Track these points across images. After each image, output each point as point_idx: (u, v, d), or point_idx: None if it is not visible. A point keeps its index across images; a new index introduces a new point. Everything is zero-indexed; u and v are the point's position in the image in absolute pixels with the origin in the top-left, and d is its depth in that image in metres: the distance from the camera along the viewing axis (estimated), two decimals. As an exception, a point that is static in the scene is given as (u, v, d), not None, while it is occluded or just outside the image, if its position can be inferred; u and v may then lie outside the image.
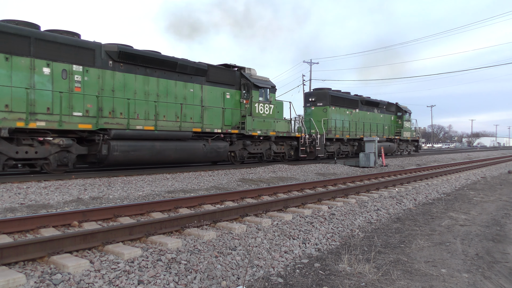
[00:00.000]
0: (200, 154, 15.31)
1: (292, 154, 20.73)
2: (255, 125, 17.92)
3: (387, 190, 10.59)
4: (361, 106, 28.36)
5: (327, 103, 24.83)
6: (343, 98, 26.49)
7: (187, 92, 15.75)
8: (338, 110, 25.57)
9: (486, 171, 18.71)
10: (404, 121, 33.45)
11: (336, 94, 25.88)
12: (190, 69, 15.70)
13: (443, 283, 4.20)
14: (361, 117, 28.08)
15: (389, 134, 31.17)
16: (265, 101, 18.67)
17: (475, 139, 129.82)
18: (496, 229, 6.77)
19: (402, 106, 33.75)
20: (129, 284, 3.74)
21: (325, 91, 25.55)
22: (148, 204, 7.07)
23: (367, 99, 29.19)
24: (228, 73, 17.64)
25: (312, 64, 50.71)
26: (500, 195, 10.84)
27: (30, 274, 3.79)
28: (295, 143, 20.48)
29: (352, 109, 27.00)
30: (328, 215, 7.20)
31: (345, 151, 26.00)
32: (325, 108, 24.73)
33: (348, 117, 26.50)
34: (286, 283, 4.19)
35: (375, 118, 29.79)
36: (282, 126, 19.65)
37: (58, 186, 9.89)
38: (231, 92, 17.66)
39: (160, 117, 14.71)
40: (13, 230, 5.38)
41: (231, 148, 17.09)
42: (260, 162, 18.97)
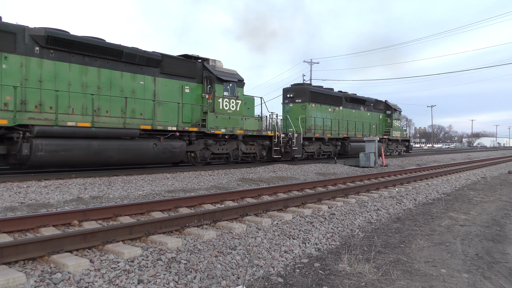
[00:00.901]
0: (150, 154, 13.73)
1: (264, 154, 18.98)
2: (219, 122, 16.17)
3: (387, 190, 10.60)
4: (346, 103, 26.49)
5: (306, 99, 22.89)
6: (325, 94, 24.60)
7: (136, 84, 14.00)
8: (319, 107, 23.77)
9: (486, 171, 18.70)
10: (394, 120, 31.75)
11: (316, 90, 24.05)
12: (139, 58, 13.94)
13: (443, 283, 4.20)
14: (346, 115, 26.27)
15: (376, 133, 29.51)
16: (231, 96, 16.79)
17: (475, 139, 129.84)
18: (496, 229, 6.77)
19: (391, 104, 32.16)
20: (129, 284, 3.74)
21: (304, 86, 23.78)
22: (148, 204, 7.07)
23: (353, 96, 27.45)
24: (187, 65, 15.75)
25: (312, 64, 50.73)
26: (500, 195, 10.84)
27: (30, 273, 3.80)
28: (267, 143, 18.78)
29: (335, 107, 25.21)
30: (328, 215, 7.20)
31: (326, 151, 24.24)
32: (304, 105, 22.83)
33: (331, 115, 24.73)
34: (286, 283, 4.19)
35: (361, 116, 28.01)
36: (251, 124, 17.87)
37: (58, 185, 9.90)
38: (191, 86, 15.86)
39: (102, 112, 12.98)
40: (13, 229, 5.38)
41: (190, 148, 15.48)
42: (227, 164, 17.39)
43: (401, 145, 33.60)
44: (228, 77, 16.71)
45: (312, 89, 23.58)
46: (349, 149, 25.08)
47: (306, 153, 22.15)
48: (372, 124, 29.14)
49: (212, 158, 16.74)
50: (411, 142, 35.58)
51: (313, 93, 23.46)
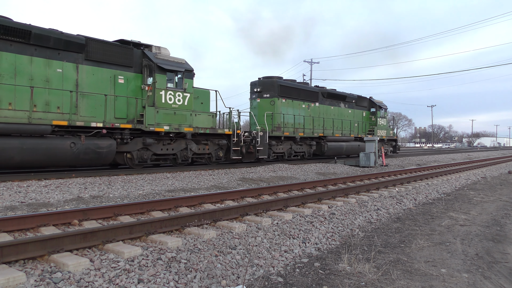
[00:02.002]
0: (67, 155, 11.62)
1: (221, 155, 16.79)
2: (161, 118, 14.00)
3: (387, 190, 10.60)
4: (323, 99, 24.30)
5: (275, 94, 20.75)
6: (297, 89, 22.37)
7: (52, 72, 11.82)
8: (291, 103, 21.61)
9: (486, 171, 18.70)
10: (379, 118, 29.24)
11: (287, 84, 21.82)
12: (55, 41, 11.78)
13: (443, 283, 4.20)
14: (323, 112, 24.00)
15: (358, 132, 27.16)
16: (177, 88, 14.60)
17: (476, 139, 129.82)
18: (496, 229, 6.77)
19: (376, 101, 29.81)
20: (129, 283, 3.74)
21: (273, 79, 21.21)
22: (148, 203, 7.07)
23: (331, 91, 25.30)
24: (121, 51, 13.49)
25: (312, 64, 50.71)
26: (500, 195, 10.84)
27: (30, 273, 3.80)
28: (224, 142, 16.62)
29: (310, 103, 22.94)
30: (328, 214, 7.20)
31: (298, 151, 22.01)
32: (273, 100, 20.69)
33: (305, 112, 22.48)
34: (286, 283, 4.19)
35: (341, 114, 25.71)
36: (204, 121, 15.63)
37: (58, 185, 9.90)
38: (127, 76, 13.65)
39: (3, 104, 10.87)
40: (13, 228, 5.38)
41: (125, 148, 13.44)
42: (176, 166, 15.39)
43: (387, 145, 31.09)
44: (173, 66, 14.44)
45: (282, 83, 21.35)
46: (326, 149, 22.93)
47: (274, 153, 20.22)
48: (354, 122, 26.92)
49: (155, 160, 14.64)
50: (398, 142, 32.91)
51: (283, 87, 21.33)
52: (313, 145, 22.72)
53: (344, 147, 24.54)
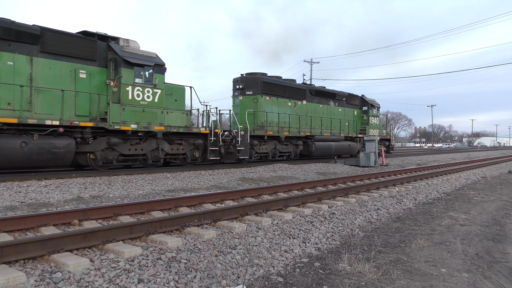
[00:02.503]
0: (17, 156, 10.63)
1: (197, 156, 15.65)
2: (128, 116, 13.03)
3: (387, 190, 10.60)
4: (310, 97, 23.13)
5: (259, 91, 19.67)
6: (283, 86, 21.30)
7: (2, 65, 10.93)
8: (276, 100, 20.61)
9: (486, 171, 18.70)
10: (371, 117, 28.02)
11: (271, 80, 20.67)
12: (5, 31, 10.90)
13: (443, 282, 4.20)
14: (311, 110, 22.95)
15: (349, 131, 26.05)
16: (147, 84, 13.67)
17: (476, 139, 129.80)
18: (496, 229, 6.77)
19: (368, 99, 28.71)
20: (129, 283, 3.74)
21: (256, 76, 20.11)
22: (148, 203, 7.07)
23: (319, 88, 24.31)
24: (83, 43, 12.50)
25: (312, 64, 50.71)
26: (500, 195, 10.84)
27: (30, 273, 3.80)
28: (200, 142, 15.54)
29: (296, 100, 21.93)
30: (328, 214, 7.20)
31: (284, 152, 20.83)
32: (256, 98, 19.63)
33: (291, 110, 21.46)
34: (286, 282, 4.19)
35: (330, 112, 24.60)
36: (177, 119, 14.62)
37: (58, 185, 9.90)
38: (90, 70, 12.66)
39: None
40: (13, 228, 5.38)
41: (87, 148, 12.42)
42: (146, 167, 14.30)
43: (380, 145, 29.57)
44: (142, 60, 13.52)
45: (265, 79, 20.22)
46: (313, 149, 21.77)
47: (257, 154, 19.08)
48: (345, 121, 25.68)
49: (122, 161, 13.64)
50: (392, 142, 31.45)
51: (267, 84, 20.22)
52: (300, 145, 21.58)
53: (334, 147, 23.43)
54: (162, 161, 14.62)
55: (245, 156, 16.96)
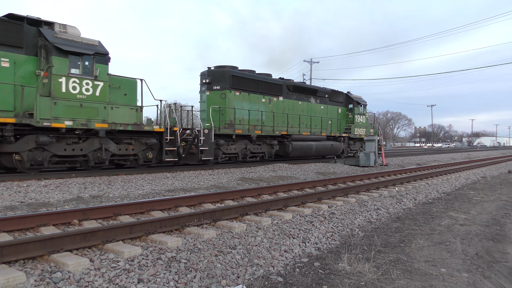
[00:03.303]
0: None
1: (150, 157, 13.94)
2: (60, 111, 11.37)
3: (387, 190, 10.60)
4: (288, 93, 21.39)
5: (227, 86, 17.98)
6: (255, 80, 19.48)
7: None
8: (247, 96, 18.90)
9: (486, 171, 18.71)
10: (356, 115, 26.09)
11: (242, 74, 18.92)
12: None
13: (442, 282, 4.20)
14: (288, 107, 21.17)
15: (332, 130, 24.19)
16: (86, 75, 12.00)
17: (475, 139, 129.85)
18: (496, 228, 6.77)
19: (354, 96, 26.83)
20: (129, 283, 3.74)
21: (224, 69, 18.38)
22: (148, 203, 7.07)
23: (299, 84, 22.55)
24: (5, 27, 10.91)
25: (312, 63, 50.73)
26: (500, 195, 10.84)
27: (30, 273, 3.80)
28: (154, 141, 13.78)
29: (271, 97, 20.20)
30: (328, 214, 7.20)
31: (257, 152, 19.06)
32: (224, 93, 17.92)
33: (265, 107, 19.79)
34: (286, 282, 4.20)
35: (311, 110, 22.76)
36: (124, 116, 12.96)
37: (58, 185, 9.90)
38: (14, 59, 11.05)
39: None
40: (13, 228, 5.38)
41: (11, 148, 10.86)
42: (88, 170, 12.69)
43: None
44: (79, 48, 11.89)
45: (235, 73, 18.48)
46: (291, 149, 20.18)
47: (225, 154, 17.44)
48: (327, 119, 23.87)
49: (56, 163, 11.97)
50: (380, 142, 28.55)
51: (237, 78, 18.50)
52: (275, 144, 19.85)
53: (314, 147, 21.81)
54: (108, 162, 12.94)
55: (209, 157, 15.41)
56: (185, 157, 14.84)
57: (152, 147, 14.04)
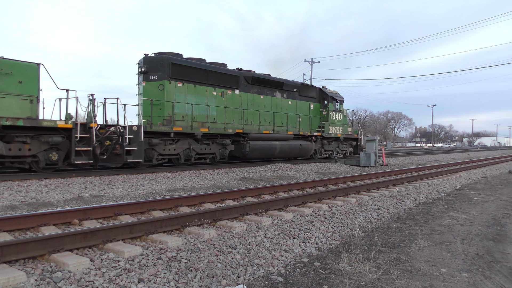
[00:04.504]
0: None
1: (54, 158, 11.57)
2: None
3: (388, 190, 10.59)
4: (247, 85, 18.81)
5: (166, 75, 15.32)
6: (204, 70, 16.79)
7: None
8: (193, 88, 16.27)
9: (486, 171, 18.70)
10: (331, 112, 23.31)
11: (185, 62, 16.22)
12: None
13: (443, 282, 4.20)
14: (247, 101, 18.67)
15: (302, 128, 21.47)
16: None
17: (476, 139, 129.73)
18: (497, 229, 6.77)
19: (329, 91, 23.97)
20: (129, 282, 3.74)
21: (163, 56, 15.64)
22: (149, 203, 7.07)
23: (261, 76, 19.70)
24: None
25: (312, 63, 50.73)
26: (500, 195, 10.83)
27: (30, 272, 3.80)
28: (59, 140, 11.51)
29: (225, 89, 17.67)
30: (328, 214, 7.20)
31: (204, 153, 16.30)
32: (162, 84, 15.27)
33: (216, 101, 17.21)
34: (286, 282, 4.19)
35: (276, 105, 20.32)
36: (12, 108, 10.72)
37: (58, 184, 9.91)
38: None
39: None
40: (13, 228, 5.39)
41: None
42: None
43: (345, 145, 25.31)
44: None
45: (176, 61, 15.82)
46: (248, 150, 17.53)
47: (161, 155, 14.73)
48: (296, 117, 21.27)
49: None
50: (361, 141, 25.88)
51: (179, 67, 15.83)
52: (228, 144, 17.15)
53: (278, 147, 19.32)
54: None
55: (138, 159, 13.06)
56: (107, 159, 12.79)
57: (59, 147, 11.73)
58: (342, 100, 24.81)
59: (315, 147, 22.32)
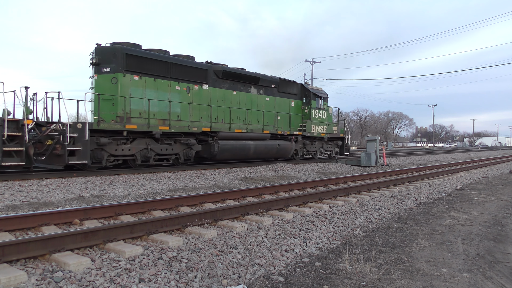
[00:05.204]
0: None
1: None
2: None
3: (388, 190, 10.59)
4: (217, 80, 17.11)
5: (120, 68, 13.72)
6: (165, 62, 15.14)
7: None
8: (152, 83, 14.65)
9: (487, 171, 18.68)
10: (313, 109, 21.61)
11: (143, 53, 14.55)
12: None
13: (444, 282, 4.20)
14: (217, 98, 17.00)
15: (281, 127, 19.87)
16: None
17: (477, 139, 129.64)
18: (497, 229, 6.76)
19: (312, 87, 22.44)
20: (130, 282, 3.74)
21: (116, 46, 13.96)
22: (149, 203, 7.08)
23: (233, 70, 17.88)
24: None
25: (313, 63, 50.70)
26: (501, 195, 10.82)
27: (31, 272, 3.80)
28: None
29: (192, 84, 16.02)
30: (329, 214, 7.20)
31: (166, 154, 14.87)
32: (115, 77, 13.68)
33: (181, 97, 15.56)
34: (287, 282, 4.19)
35: (252, 102, 18.65)
36: None
37: (59, 184, 9.92)
38: None
39: None
40: (14, 227, 5.39)
41: None
42: None
43: (330, 145, 23.50)
44: None
45: (132, 52, 14.16)
46: (217, 150, 16.05)
47: (114, 156, 13.28)
48: (275, 115, 19.74)
49: None
50: (348, 141, 24.47)
51: (135, 59, 14.23)
52: (192, 144, 15.51)
53: (252, 147, 17.72)
54: None
55: (83, 160, 11.81)
56: (47, 160, 11.64)
57: None
58: (327, 97, 23.18)
59: (296, 147, 20.79)
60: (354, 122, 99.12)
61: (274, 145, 19.08)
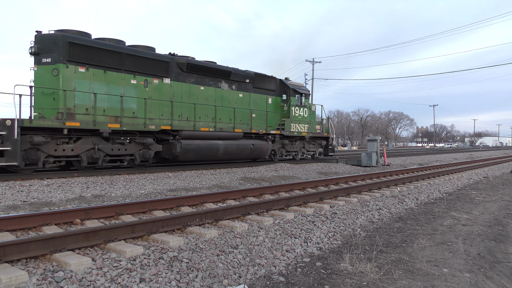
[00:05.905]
0: None
1: None
2: None
3: (389, 189, 10.58)
4: (181, 74, 15.65)
5: (62, 58, 12.27)
6: (117, 53, 13.63)
7: None
8: (102, 75, 13.21)
9: (488, 171, 18.66)
10: (293, 107, 20.16)
11: (88, 42, 13.04)
12: None
13: (444, 282, 4.19)
14: (181, 93, 15.54)
15: (256, 125, 18.53)
16: None
17: (478, 139, 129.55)
18: (498, 229, 6.75)
19: (291, 83, 20.84)
20: (131, 282, 3.75)
21: (57, 34, 12.45)
22: (150, 202, 7.08)
23: (199, 63, 16.36)
24: None
25: (314, 63, 50.69)
26: (502, 195, 10.81)
27: (32, 272, 3.81)
28: None
29: (150, 77, 14.56)
30: (330, 214, 7.20)
31: (119, 154, 13.50)
32: (56, 68, 12.26)
33: (137, 91, 14.10)
34: (287, 282, 4.19)
35: (222, 98, 17.19)
36: None
37: (60, 184, 9.92)
38: None
39: None
40: (15, 227, 5.40)
41: None
42: None
43: (313, 145, 21.98)
44: None
45: (75, 40, 12.65)
46: (180, 150, 14.65)
47: (52, 157, 11.86)
48: (249, 112, 18.29)
49: None
50: (333, 141, 22.88)
51: (80, 48, 12.76)
52: (150, 144, 14.10)
53: (221, 147, 16.27)
54: None
55: (12, 161, 10.63)
56: None
57: None
58: (308, 94, 21.66)
59: (274, 148, 19.36)
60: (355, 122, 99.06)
61: (248, 145, 17.61)
